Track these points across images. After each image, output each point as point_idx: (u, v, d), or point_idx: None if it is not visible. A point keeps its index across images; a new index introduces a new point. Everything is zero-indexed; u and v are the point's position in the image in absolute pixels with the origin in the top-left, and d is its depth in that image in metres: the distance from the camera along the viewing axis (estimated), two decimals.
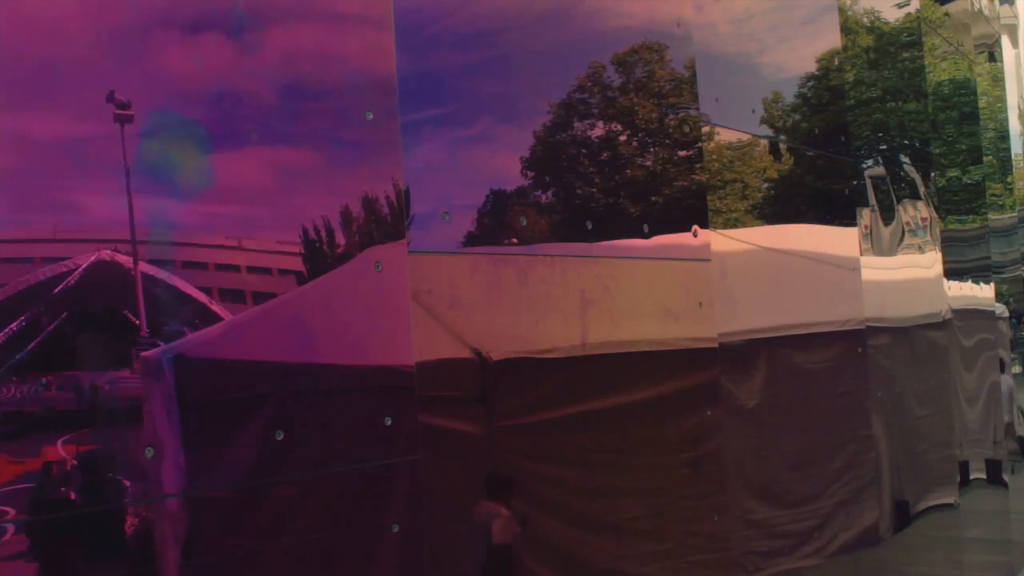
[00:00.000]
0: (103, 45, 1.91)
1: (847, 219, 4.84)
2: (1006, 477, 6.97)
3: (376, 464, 2.34)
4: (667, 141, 3.52)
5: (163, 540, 1.97)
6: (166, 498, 1.95)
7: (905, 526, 5.23)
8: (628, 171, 3.30)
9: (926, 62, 6.23)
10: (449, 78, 2.68)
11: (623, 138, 3.32)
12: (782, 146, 4.37)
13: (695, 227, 3.50)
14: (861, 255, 4.87)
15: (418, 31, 2.58)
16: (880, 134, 5.62)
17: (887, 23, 5.77)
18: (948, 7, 6.96)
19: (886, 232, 5.36)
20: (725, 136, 3.92)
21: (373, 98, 2.39)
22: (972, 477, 6.39)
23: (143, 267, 1.95)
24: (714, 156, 3.81)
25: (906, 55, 5.99)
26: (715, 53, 3.87)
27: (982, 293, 7.09)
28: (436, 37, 2.67)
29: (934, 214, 6.07)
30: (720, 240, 3.67)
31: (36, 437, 1.79)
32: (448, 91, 2.67)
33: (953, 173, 7.09)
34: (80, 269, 1.85)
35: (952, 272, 6.23)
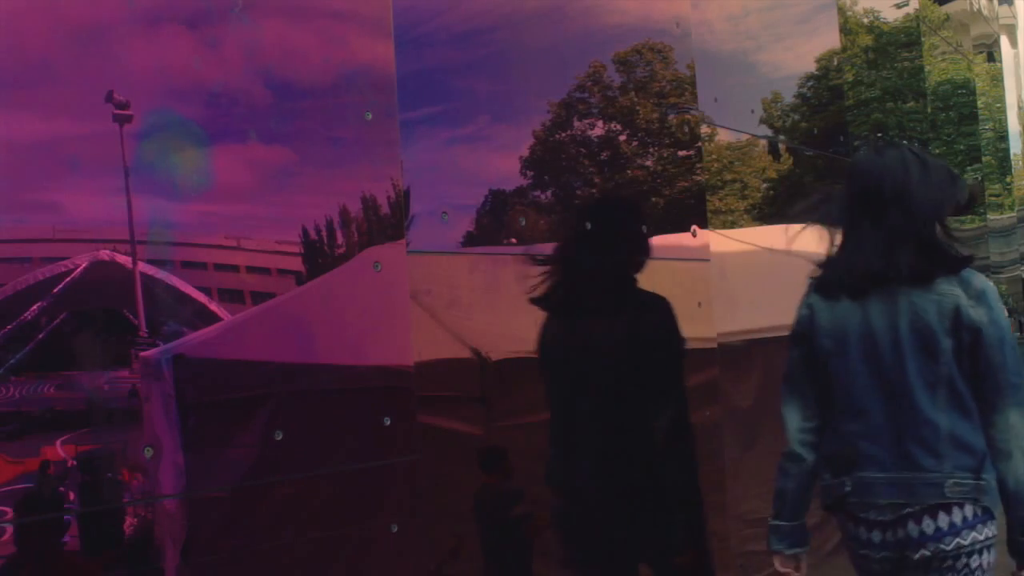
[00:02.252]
0: (101, 44, 1.91)
1: None
2: None
3: (376, 464, 2.34)
4: (667, 141, 3.52)
5: (162, 540, 1.97)
6: (166, 498, 1.95)
7: None
8: (627, 171, 3.30)
9: (925, 62, 6.23)
10: (447, 78, 2.68)
11: (623, 138, 3.32)
12: (781, 146, 4.37)
13: (694, 227, 3.50)
14: None
15: (417, 30, 2.58)
16: (879, 134, 5.62)
17: (886, 23, 5.77)
18: (947, 7, 6.96)
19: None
20: (724, 136, 3.92)
21: (372, 98, 2.39)
22: None
23: (142, 267, 1.95)
24: (713, 156, 3.81)
25: (905, 55, 5.99)
26: (712, 52, 3.87)
27: None
28: (435, 36, 2.67)
29: None
30: (719, 240, 3.67)
31: (36, 437, 1.79)
32: (446, 91, 2.67)
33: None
34: (79, 269, 1.85)
35: None
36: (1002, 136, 10.49)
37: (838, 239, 2.38)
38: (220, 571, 2.04)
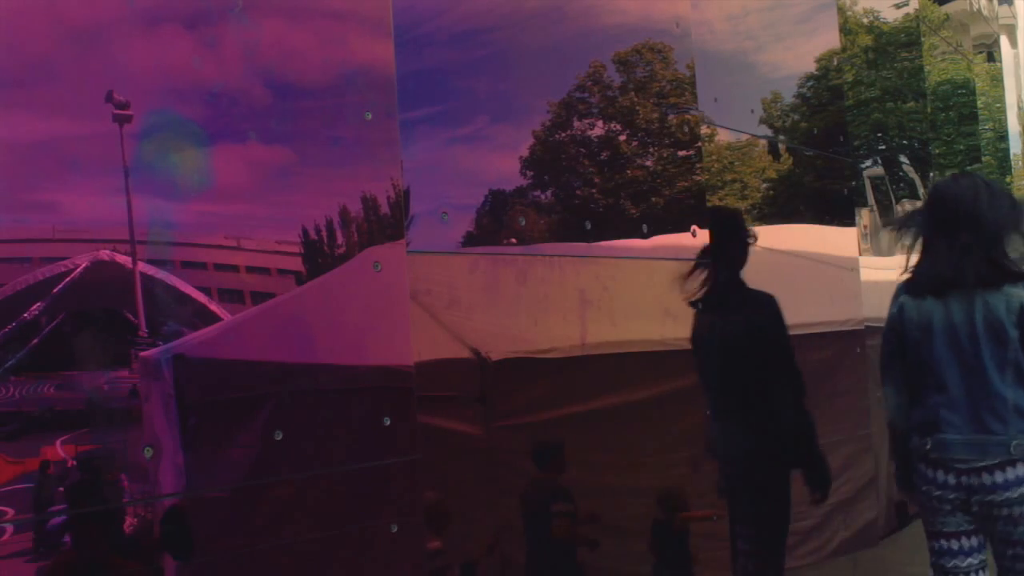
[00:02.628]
0: (101, 44, 1.91)
1: (846, 219, 4.84)
2: None
3: (375, 464, 2.34)
4: (667, 141, 3.52)
5: (162, 540, 1.97)
6: (165, 498, 1.95)
7: (903, 526, 5.22)
8: (627, 171, 3.30)
9: (925, 62, 6.23)
10: (447, 78, 2.68)
11: (623, 138, 3.32)
12: (781, 146, 4.37)
13: (694, 227, 3.50)
14: (860, 255, 4.86)
15: (417, 30, 2.58)
16: (879, 134, 5.63)
17: (886, 23, 5.77)
18: (947, 7, 6.96)
19: (885, 232, 5.36)
20: (724, 136, 3.92)
21: (372, 98, 2.39)
22: None
23: (142, 267, 1.95)
24: (713, 156, 3.81)
25: (905, 55, 5.99)
26: (712, 52, 3.87)
27: None
28: (435, 36, 2.67)
29: None
30: None
31: (36, 437, 1.79)
32: (446, 91, 2.67)
33: (952, 173, 7.09)
34: (79, 269, 1.85)
35: None
36: (1002, 136, 10.49)
37: (918, 249, 2.90)
38: (220, 571, 2.04)
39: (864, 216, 5.04)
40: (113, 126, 1.89)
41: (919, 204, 5.92)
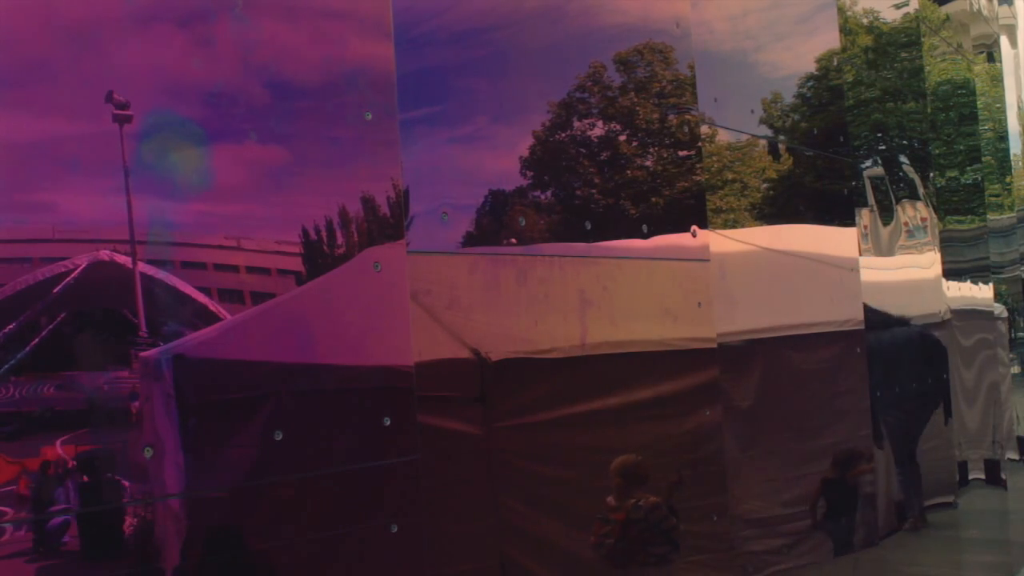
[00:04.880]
0: (101, 43, 1.91)
1: (846, 219, 4.84)
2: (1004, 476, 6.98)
3: (375, 464, 2.34)
4: (667, 141, 3.52)
5: (162, 540, 1.97)
6: (165, 498, 1.95)
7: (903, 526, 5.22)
8: (627, 171, 3.30)
9: (925, 62, 6.22)
10: (447, 78, 2.68)
11: (623, 138, 3.32)
12: (781, 146, 4.37)
13: (694, 227, 3.50)
14: (860, 255, 4.86)
15: (417, 30, 2.58)
16: (879, 134, 5.62)
17: (886, 23, 5.77)
18: (947, 8, 6.96)
19: (885, 232, 5.36)
20: (724, 136, 3.92)
21: (372, 98, 2.39)
22: (971, 477, 6.39)
23: (142, 267, 1.95)
24: (713, 156, 3.81)
25: (905, 55, 5.99)
26: (712, 52, 3.87)
27: (981, 293, 7.09)
28: (435, 36, 2.67)
29: (933, 214, 6.07)
30: (719, 240, 3.67)
31: (35, 437, 1.79)
32: (446, 91, 2.67)
33: (952, 173, 7.09)
34: (79, 269, 1.85)
35: (951, 272, 6.23)
36: (1002, 136, 10.48)
37: None
38: (220, 571, 2.04)
39: (864, 216, 5.04)
40: (113, 126, 1.89)
41: (919, 204, 5.93)
